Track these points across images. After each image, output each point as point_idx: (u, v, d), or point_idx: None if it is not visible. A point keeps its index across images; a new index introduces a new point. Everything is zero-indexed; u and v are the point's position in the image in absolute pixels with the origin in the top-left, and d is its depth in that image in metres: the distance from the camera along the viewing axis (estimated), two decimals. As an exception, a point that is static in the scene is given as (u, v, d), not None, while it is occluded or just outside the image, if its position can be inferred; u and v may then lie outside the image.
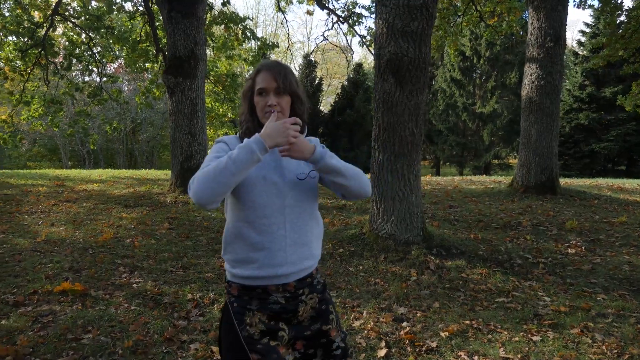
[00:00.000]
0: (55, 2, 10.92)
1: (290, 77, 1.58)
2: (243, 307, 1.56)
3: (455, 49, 12.86)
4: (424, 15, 4.12)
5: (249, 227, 1.53)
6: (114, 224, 6.09)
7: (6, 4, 11.41)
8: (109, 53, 13.02)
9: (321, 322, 1.67)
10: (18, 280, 4.01)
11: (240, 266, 1.56)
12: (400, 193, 4.63)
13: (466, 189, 9.08)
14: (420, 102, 4.42)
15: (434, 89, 26.27)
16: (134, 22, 11.96)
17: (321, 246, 1.72)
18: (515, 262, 4.56)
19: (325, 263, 4.50)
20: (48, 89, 12.25)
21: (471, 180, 11.45)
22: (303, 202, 1.59)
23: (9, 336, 3.03)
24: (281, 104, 1.56)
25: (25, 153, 25.01)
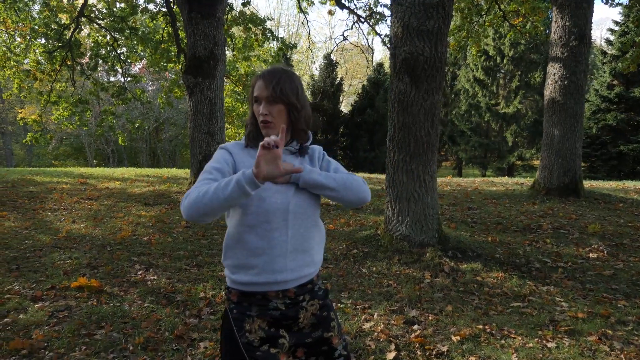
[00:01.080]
0: (81, 4, 11.18)
1: (286, 84, 1.51)
2: (242, 313, 1.54)
3: (478, 49, 12.65)
4: (440, 13, 4.06)
5: (250, 232, 1.52)
6: (132, 221, 6.19)
7: (34, 6, 11.72)
8: (133, 54, 13.28)
9: (322, 329, 1.64)
10: (37, 275, 4.10)
11: (239, 272, 1.55)
12: (416, 194, 4.58)
13: (486, 191, 8.93)
14: (436, 102, 4.35)
15: (456, 89, 25.95)
16: (157, 23, 12.14)
17: (322, 252, 1.70)
18: (533, 266, 4.45)
19: (338, 264, 4.48)
20: (75, 89, 12.58)
21: (492, 182, 11.26)
22: (306, 208, 1.57)
23: (25, 330, 3.10)
24: (272, 113, 1.51)
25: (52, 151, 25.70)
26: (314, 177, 1.54)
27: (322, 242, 1.70)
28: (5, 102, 25.36)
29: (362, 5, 16.08)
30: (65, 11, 11.71)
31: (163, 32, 11.80)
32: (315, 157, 1.69)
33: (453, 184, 10.59)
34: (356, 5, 24.52)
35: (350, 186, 1.59)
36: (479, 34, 11.82)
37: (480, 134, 24.85)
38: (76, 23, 11.33)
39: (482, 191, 8.90)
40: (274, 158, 1.31)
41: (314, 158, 1.69)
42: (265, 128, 1.53)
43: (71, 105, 11.82)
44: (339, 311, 3.43)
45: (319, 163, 1.70)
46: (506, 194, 8.39)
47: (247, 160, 1.56)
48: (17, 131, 26.61)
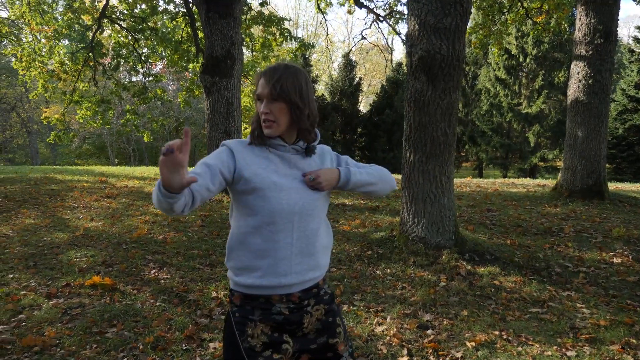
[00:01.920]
0: (102, 5, 11.35)
1: (287, 81, 1.45)
2: (245, 317, 1.50)
3: (500, 47, 12.39)
4: (457, 10, 3.96)
5: (255, 234, 1.48)
6: (149, 220, 6.23)
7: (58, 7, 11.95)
8: (154, 54, 13.44)
9: (328, 335, 1.59)
10: (53, 272, 4.15)
11: (243, 274, 1.51)
12: (432, 195, 4.48)
13: (507, 192, 8.74)
14: (454, 101, 4.26)
15: (477, 88, 25.56)
16: (176, 23, 12.25)
17: (329, 255, 1.65)
18: (553, 270, 4.31)
19: (352, 265, 4.42)
20: (97, 89, 12.80)
21: (513, 183, 11.03)
22: (314, 209, 1.52)
23: (39, 327, 3.13)
24: (273, 112, 1.45)
25: (75, 150, 26.25)
26: (358, 177, 1.59)
27: (329, 245, 1.65)
28: (31, 102, 26.00)
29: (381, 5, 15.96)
30: (88, 12, 11.91)
31: (182, 32, 11.90)
32: (326, 157, 1.65)
33: (472, 185, 10.41)
34: (375, 5, 24.44)
35: (385, 177, 1.69)
36: (501, 32, 11.59)
37: (501, 134, 24.42)
38: (98, 24, 11.52)
39: (502, 193, 8.72)
40: (173, 164, 1.17)
41: (324, 158, 1.64)
42: (266, 127, 1.48)
43: (94, 105, 12.02)
44: (351, 314, 3.37)
45: (333, 163, 1.66)
46: (527, 195, 8.19)
47: (249, 157, 1.51)
48: (42, 130, 27.25)
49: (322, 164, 1.61)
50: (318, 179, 1.51)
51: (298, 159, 1.55)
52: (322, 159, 1.63)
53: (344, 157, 1.71)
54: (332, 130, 21.82)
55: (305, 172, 1.55)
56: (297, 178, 1.53)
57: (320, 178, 1.51)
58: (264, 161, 1.51)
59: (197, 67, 11.82)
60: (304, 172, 1.54)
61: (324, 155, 1.64)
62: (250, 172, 1.48)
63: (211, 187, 1.42)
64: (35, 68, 12.00)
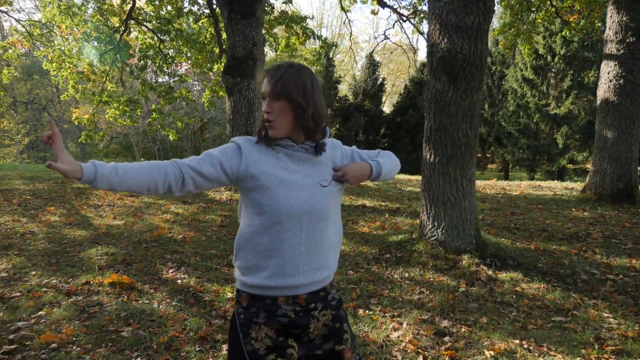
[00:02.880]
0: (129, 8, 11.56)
1: (290, 80, 1.42)
2: (249, 319, 1.48)
3: (530, 47, 12.06)
4: (480, 9, 3.85)
5: (262, 233, 1.46)
6: (170, 219, 6.30)
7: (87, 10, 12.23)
8: (180, 54, 13.62)
9: (334, 341, 1.56)
10: (74, 270, 4.22)
11: (249, 274, 1.49)
12: (452, 198, 4.38)
13: (532, 195, 8.52)
14: (476, 102, 4.15)
15: (504, 89, 25.06)
16: (201, 24, 12.38)
17: (338, 256, 1.61)
18: (579, 277, 4.16)
19: (370, 268, 4.36)
20: (125, 89, 13.07)
21: (540, 186, 10.74)
22: (323, 209, 1.49)
23: (57, 324, 3.18)
24: (274, 111, 1.43)
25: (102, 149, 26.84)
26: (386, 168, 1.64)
27: (338, 247, 1.61)
28: (62, 102, 26.73)
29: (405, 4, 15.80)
30: (115, 14, 12.15)
31: (206, 33, 12.02)
32: (337, 152, 1.61)
33: (497, 187, 10.18)
34: (399, 4, 24.19)
35: (396, 162, 1.75)
36: (530, 31, 11.30)
37: (528, 135, 23.85)
38: (125, 26, 11.74)
39: (527, 196, 8.49)
40: (57, 154, 1.26)
41: (335, 155, 1.60)
42: (269, 127, 1.45)
43: (123, 105, 12.28)
44: (366, 318, 3.31)
45: (344, 158, 1.63)
46: (553, 199, 7.96)
47: (257, 155, 1.48)
48: (72, 130, 27.99)
49: (332, 162, 1.58)
50: (345, 176, 1.53)
51: (308, 157, 1.52)
52: (334, 154, 1.60)
53: (353, 149, 1.69)
54: (355, 130, 21.74)
55: (317, 171, 1.53)
56: (307, 175, 1.50)
57: (348, 175, 1.53)
58: (272, 159, 1.48)
59: (221, 68, 11.92)
60: (334, 167, 1.56)
61: (335, 151, 1.61)
62: (257, 170, 1.45)
63: (205, 172, 1.43)
64: (65, 69, 12.32)
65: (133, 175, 1.35)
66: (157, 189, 1.39)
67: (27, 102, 27.53)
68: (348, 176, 1.54)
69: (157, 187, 1.39)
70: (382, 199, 7.73)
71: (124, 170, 1.34)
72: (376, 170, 1.60)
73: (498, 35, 12.10)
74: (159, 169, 1.39)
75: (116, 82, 13.04)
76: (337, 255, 1.61)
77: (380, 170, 1.61)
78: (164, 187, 1.40)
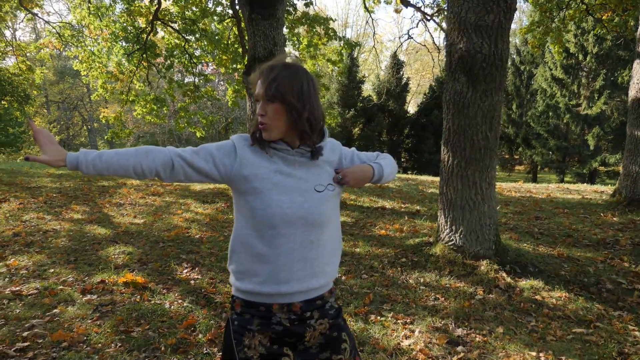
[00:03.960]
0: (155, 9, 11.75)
1: (284, 81, 1.37)
2: (243, 326, 1.45)
3: (559, 46, 11.67)
4: (500, 7, 3.72)
5: (256, 237, 1.42)
6: (189, 218, 6.34)
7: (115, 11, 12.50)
8: (204, 53, 13.78)
9: (331, 351, 1.50)
10: (91, 268, 4.28)
11: (243, 278, 1.46)
12: (471, 202, 4.26)
13: (559, 199, 8.25)
14: (496, 104, 4.01)
15: (532, 88, 24.46)
16: (225, 24, 12.49)
17: (337, 264, 1.56)
18: (604, 286, 3.98)
19: (384, 272, 4.27)
20: (151, 88, 13.31)
21: (568, 189, 10.41)
22: (318, 215, 1.44)
23: (70, 322, 3.21)
24: (268, 114, 1.39)
25: (129, 148, 27.54)
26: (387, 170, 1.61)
27: (337, 253, 1.56)
28: (92, 102, 27.43)
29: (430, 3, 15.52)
30: (142, 15, 12.37)
31: (230, 33, 12.11)
32: (336, 156, 1.56)
33: (523, 190, 9.91)
34: (424, 3, 23.85)
35: (395, 166, 1.70)
36: (560, 29, 10.95)
37: (558, 136, 23.20)
38: (151, 26, 11.94)
39: (554, 199, 8.23)
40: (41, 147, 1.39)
41: (334, 158, 1.55)
42: (263, 130, 1.41)
43: (150, 103, 12.53)
44: (378, 324, 3.24)
45: (343, 160, 1.58)
46: (581, 203, 7.69)
47: (251, 157, 1.44)
48: (101, 129, 28.69)
49: (330, 166, 1.53)
50: (345, 178, 1.51)
51: (304, 160, 1.47)
52: (332, 156, 1.54)
53: (353, 151, 1.64)
54: (379, 131, 21.56)
55: (313, 175, 1.48)
56: (302, 180, 1.45)
57: (348, 177, 1.51)
58: (266, 162, 1.44)
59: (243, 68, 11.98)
60: (335, 169, 1.54)
61: (334, 153, 1.56)
62: (250, 172, 1.42)
63: (196, 164, 1.43)
64: (95, 69, 12.63)
65: (119, 159, 1.38)
66: (144, 173, 1.41)
67: (59, 101, 28.36)
68: (348, 178, 1.51)
69: (142, 170, 1.40)
70: (402, 200, 7.62)
71: (109, 155, 1.38)
72: (378, 173, 1.57)
73: (526, 34, 11.78)
74: (147, 153, 1.41)
75: (143, 82, 13.30)
76: (336, 262, 1.56)
77: (382, 173, 1.58)
78: (151, 171, 1.41)
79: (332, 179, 1.51)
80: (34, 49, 13.04)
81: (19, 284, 3.87)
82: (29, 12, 11.44)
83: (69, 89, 27.30)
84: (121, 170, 1.38)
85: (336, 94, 21.37)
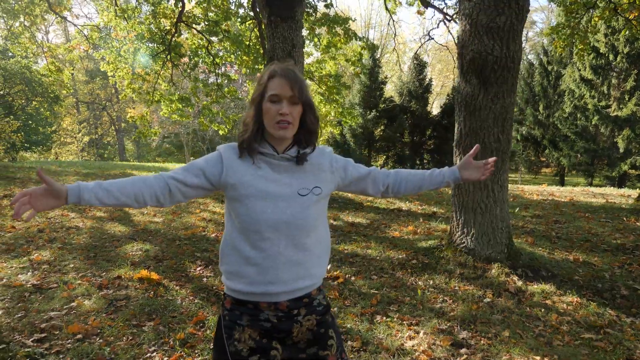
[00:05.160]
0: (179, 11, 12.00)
1: (304, 86, 1.48)
2: (233, 321, 1.51)
3: (584, 46, 11.40)
4: (512, 8, 3.69)
5: (243, 240, 1.48)
6: (206, 217, 6.47)
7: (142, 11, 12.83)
8: (227, 53, 14.00)
9: (318, 346, 1.55)
10: (109, 264, 4.43)
11: (233, 279, 1.52)
12: (483, 205, 4.23)
13: (582, 202, 8.07)
14: (508, 106, 3.98)
15: (560, 89, 23.92)
16: (246, 26, 12.66)
17: (325, 265, 1.60)
18: (619, 292, 3.89)
19: (394, 274, 4.29)
20: (176, 88, 13.60)
21: (592, 193, 10.17)
22: (303, 219, 1.49)
23: (85, 315, 3.35)
24: (293, 114, 1.47)
25: (155, 149, 28.04)
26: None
27: (324, 254, 1.60)
28: (120, 102, 28.12)
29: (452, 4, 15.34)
30: (167, 17, 12.65)
31: (251, 34, 12.27)
32: (325, 162, 1.58)
33: (545, 194, 9.73)
34: (446, 4, 23.60)
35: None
36: (586, 30, 10.69)
37: (586, 138, 22.61)
38: (175, 28, 12.20)
39: (576, 202, 8.06)
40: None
41: (322, 162, 1.58)
42: (282, 128, 1.46)
43: (176, 102, 12.82)
44: (382, 325, 3.26)
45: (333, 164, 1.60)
46: (604, 207, 7.51)
47: (237, 164, 1.50)
48: (129, 129, 29.39)
49: (316, 169, 1.56)
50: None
51: (289, 165, 1.52)
52: (321, 161, 1.58)
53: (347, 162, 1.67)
54: (400, 132, 21.43)
55: (296, 180, 1.52)
56: (287, 185, 1.50)
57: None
58: (252, 169, 1.50)
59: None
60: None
61: (322, 157, 1.59)
62: (236, 179, 1.48)
63: (189, 182, 1.49)
64: (121, 70, 12.98)
65: (118, 187, 1.42)
66: (145, 201, 1.46)
67: (88, 102, 29.18)
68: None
69: (144, 198, 1.46)
70: (420, 202, 7.59)
71: (108, 184, 1.42)
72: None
73: (549, 35, 11.55)
74: (144, 181, 1.46)
75: (168, 82, 13.60)
76: (323, 264, 1.60)
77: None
78: (151, 198, 1.47)
79: (318, 182, 1.54)
80: (64, 51, 13.45)
81: (40, 277, 4.04)
82: (57, 15, 11.82)
83: (99, 90, 28.07)
84: (123, 198, 1.42)
85: (358, 95, 21.34)
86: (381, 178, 1.70)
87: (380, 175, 1.70)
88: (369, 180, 1.69)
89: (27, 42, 12.39)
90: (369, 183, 1.69)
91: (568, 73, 23.16)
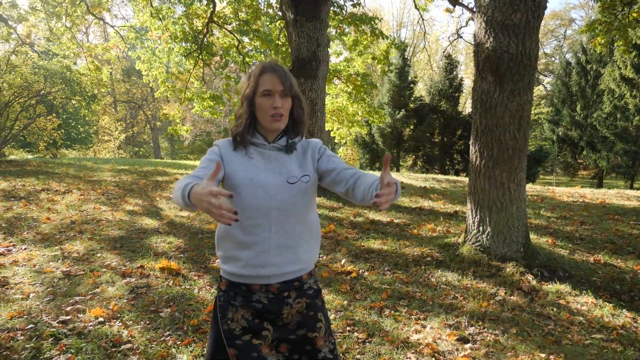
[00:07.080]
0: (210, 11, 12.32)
1: (294, 80, 1.60)
2: (227, 302, 1.61)
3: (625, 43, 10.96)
4: (528, 5, 3.66)
5: (236, 227, 1.58)
6: (229, 212, 6.64)
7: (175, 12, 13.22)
8: (258, 54, 14.26)
9: (307, 328, 1.64)
10: (133, 254, 4.64)
11: (228, 262, 1.62)
12: (499, 203, 4.21)
13: (614, 205, 7.83)
14: (524, 104, 3.95)
15: (599, 89, 23.10)
16: (276, 25, 12.86)
17: (315, 250, 1.68)
18: (637, 294, 3.81)
19: (408, 270, 4.32)
20: (208, 87, 13.99)
21: (626, 195, 9.83)
22: (292, 205, 1.58)
23: (108, 301, 3.54)
24: (284, 107, 1.58)
25: (187, 147, 28.72)
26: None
27: (314, 240, 1.68)
28: (155, 101, 28.95)
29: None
30: (200, 17, 12.99)
31: (280, 34, 12.46)
32: (308, 153, 1.67)
33: (576, 195, 9.47)
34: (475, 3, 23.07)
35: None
36: (625, 26, 10.31)
37: (626, 140, 21.75)
38: (207, 28, 12.52)
39: (607, 205, 7.83)
40: (205, 195, 1.23)
41: (306, 154, 1.66)
42: (277, 121, 1.57)
43: (208, 100, 13.19)
44: (390, 318, 3.31)
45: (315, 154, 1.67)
46: (636, 209, 7.27)
47: (231, 155, 1.61)
48: (163, 126, 30.23)
49: (304, 158, 1.65)
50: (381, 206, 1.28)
51: (279, 154, 1.62)
52: (304, 152, 1.66)
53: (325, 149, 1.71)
54: (430, 132, 21.21)
55: (286, 168, 1.60)
56: (277, 173, 1.59)
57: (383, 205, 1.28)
58: (245, 159, 1.60)
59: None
60: (376, 193, 1.32)
61: (307, 146, 1.68)
62: (231, 169, 1.58)
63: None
64: (155, 68, 13.42)
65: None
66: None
67: (125, 101, 30.17)
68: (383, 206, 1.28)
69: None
70: (443, 201, 7.55)
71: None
72: (399, 193, 1.39)
73: (585, 32, 11.21)
74: (186, 183, 1.47)
75: (200, 81, 13.99)
76: (313, 249, 1.68)
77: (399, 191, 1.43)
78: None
79: (306, 171, 1.61)
80: (102, 50, 13.99)
81: (70, 265, 4.28)
82: (95, 17, 12.32)
83: (135, 88, 28.99)
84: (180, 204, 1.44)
85: (387, 95, 21.25)
86: (345, 178, 1.55)
87: (345, 175, 1.56)
88: (334, 176, 1.59)
89: (68, 42, 12.96)
90: (335, 180, 1.59)
91: (608, 72, 22.34)
